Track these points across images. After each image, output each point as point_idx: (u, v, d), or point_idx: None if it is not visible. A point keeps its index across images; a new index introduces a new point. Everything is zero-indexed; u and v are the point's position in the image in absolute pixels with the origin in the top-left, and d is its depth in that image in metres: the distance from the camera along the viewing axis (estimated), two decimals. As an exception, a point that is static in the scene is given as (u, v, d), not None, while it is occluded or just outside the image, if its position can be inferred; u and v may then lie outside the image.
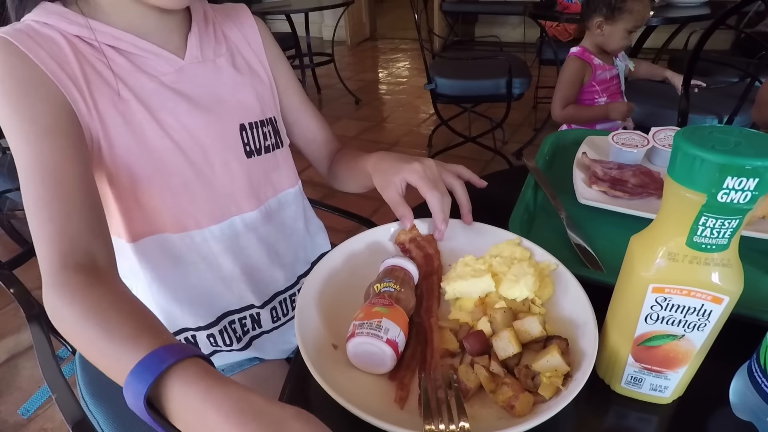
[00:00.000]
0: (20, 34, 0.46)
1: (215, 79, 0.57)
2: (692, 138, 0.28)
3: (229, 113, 0.57)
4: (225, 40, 0.60)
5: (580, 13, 1.50)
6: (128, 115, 0.50)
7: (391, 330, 0.38)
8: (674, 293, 0.31)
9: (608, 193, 0.60)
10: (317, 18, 5.12)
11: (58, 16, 0.48)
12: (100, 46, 0.49)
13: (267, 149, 0.61)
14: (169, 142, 0.52)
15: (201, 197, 0.55)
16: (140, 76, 0.51)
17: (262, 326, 0.65)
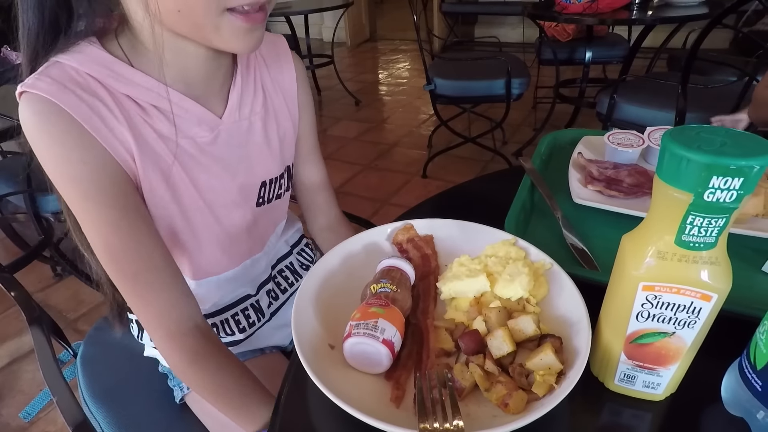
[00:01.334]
0: (62, 91, 0.42)
1: (247, 138, 0.57)
2: (679, 138, 0.28)
3: (254, 173, 0.59)
4: (263, 92, 0.58)
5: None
6: (167, 176, 0.50)
7: (387, 330, 0.39)
8: (664, 291, 0.32)
9: (604, 192, 0.60)
10: (317, 20, 5.13)
11: (105, 69, 0.45)
12: (146, 106, 0.47)
13: (277, 197, 0.64)
14: (200, 202, 0.54)
15: (221, 249, 0.59)
16: (180, 139, 0.50)
17: (265, 315, 0.68)
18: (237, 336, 0.66)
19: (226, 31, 0.42)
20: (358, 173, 2.54)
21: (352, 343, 0.39)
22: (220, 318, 0.65)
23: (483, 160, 2.50)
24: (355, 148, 2.86)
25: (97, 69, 0.44)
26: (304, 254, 0.78)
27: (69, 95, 0.42)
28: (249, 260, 0.64)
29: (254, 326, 0.68)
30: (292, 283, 0.74)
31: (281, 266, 0.73)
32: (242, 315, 0.66)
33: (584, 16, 1.89)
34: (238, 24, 0.42)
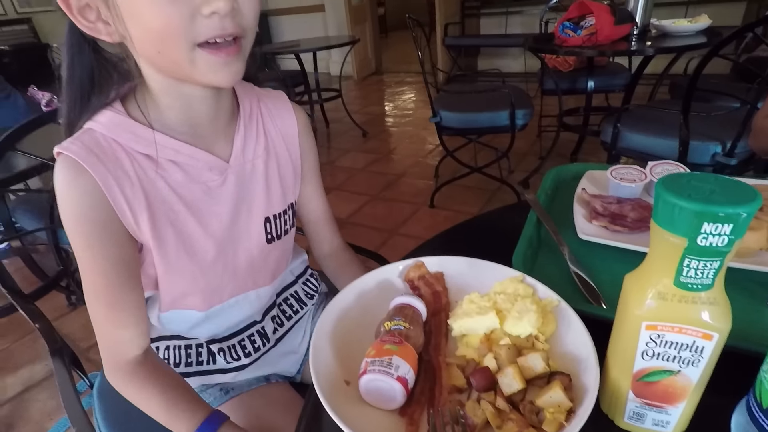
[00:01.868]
0: (89, 155, 0.49)
1: (251, 178, 0.62)
2: (671, 186, 0.30)
3: (258, 210, 0.63)
4: (264, 136, 0.63)
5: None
6: (179, 225, 0.56)
7: (401, 367, 0.40)
8: (666, 330, 0.33)
9: (608, 227, 0.62)
10: (325, 55, 5.31)
11: (127, 133, 0.52)
12: (162, 162, 0.53)
13: (285, 232, 0.68)
14: (210, 244, 0.59)
15: (225, 280, 0.63)
16: (192, 187, 0.56)
17: (270, 340, 0.71)
18: (243, 361, 0.69)
19: (201, 65, 0.47)
20: (366, 204, 2.57)
21: (368, 379, 0.40)
22: (227, 343, 0.68)
23: (490, 190, 2.53)
24: (362, 179, 2.91)
25: (120, 134, 0.52)
26: (309, 284, 0.81)
27: (93, 159, 0.49)
28: (254, 292, 0.67)
29: (259, 351, 0.70)
30: (297, 310, 0.77)
31: (286, 294, 0.76)
32: (248, 340, 0.69)
33: (584, 48, 1.94)
34: (212, 58, 0.46)
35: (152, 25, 0.44)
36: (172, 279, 0.59)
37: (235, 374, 0.69)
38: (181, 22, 0.43)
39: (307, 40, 3.88)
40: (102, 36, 0.48)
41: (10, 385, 1.55)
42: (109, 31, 0.47)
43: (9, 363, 1.64)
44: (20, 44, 5.98)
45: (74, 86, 0.52)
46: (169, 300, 0.61)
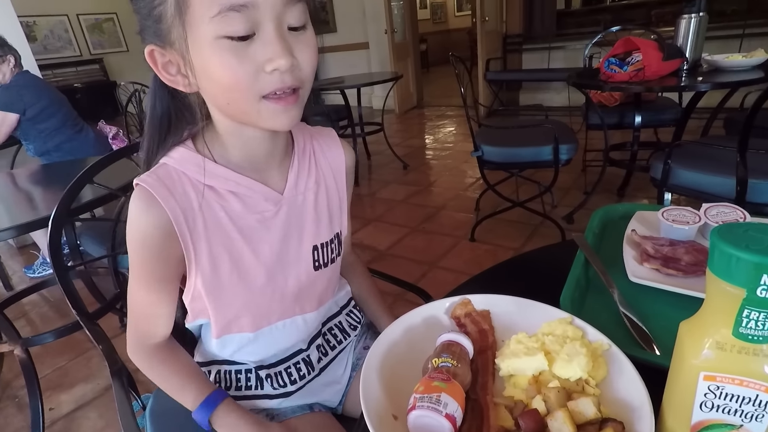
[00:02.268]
0: (160, 186, 0.56)
1: (302, 209, 0.67)
2: (727, 236, 0.30)
3: (307, 238, 0.67)
4: (316, 170, 0.69)
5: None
6: (234, 253, 0.61)
7: (450, 405, 0.41)
8: (726, 382, 0.33)
9: (661, 270, 0.61)
10: (368, 90, 5.50)
11: (194, 166, 0.58)
12: (223, 192, 0.59)
13: (332, 261, 0.71)
14: (262, 270, 0.64)
15: (274, 304, 0.67)
16: (249, 217, 0.62)
17: (315, 369, 0.74)
18: (289, 387, 0.71)
19: (265, 113, 0.52)
20: (405, 236, 2.59)
21: (416, 415, 0.41)
22: (274, 370, 0.71)
23: (532, 224, 2.49)
24: (402, 211, 2.94)
25: (188, 167, 0.58)
26: (353, 315, 0.83)
27: (165, 192, 0.56)
28: (301, 317, 0.70)
29: (305, 379, 0.73)
30: (341, 340, 0.79)
31: (331, 324, 0.79)
32: (294, 368, 0.72)
33: (630, 84, 1.92)
34: (274, 106, 0.52)
35: (222, 81, 0.50)
36: (224, 303, 0.63)
37: (281, 400, 0.71)
38: (247, 78, 0.49)
39: (351, 77, 4.05)
40: (180, 87, 0.55)
41: (64, 402, 1.63)
42: (186, 83, 0.54)
43: (65, 380, 1.73)
44: (91, 82, 6.57)
45: (154, 126, 0.60)
46: (222, 324, 0.65)
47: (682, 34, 1.99)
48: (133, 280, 0.61)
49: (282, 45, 0.49)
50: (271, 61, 0.49)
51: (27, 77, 2.27)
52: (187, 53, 0.50)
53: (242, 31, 0.47)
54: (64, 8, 6.45)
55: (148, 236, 0.57)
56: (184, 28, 0.48)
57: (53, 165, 2.11)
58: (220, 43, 0.48)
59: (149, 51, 0.52)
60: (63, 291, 0.87)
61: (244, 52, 0.48)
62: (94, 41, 6.80)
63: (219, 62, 0.48)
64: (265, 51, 0.48)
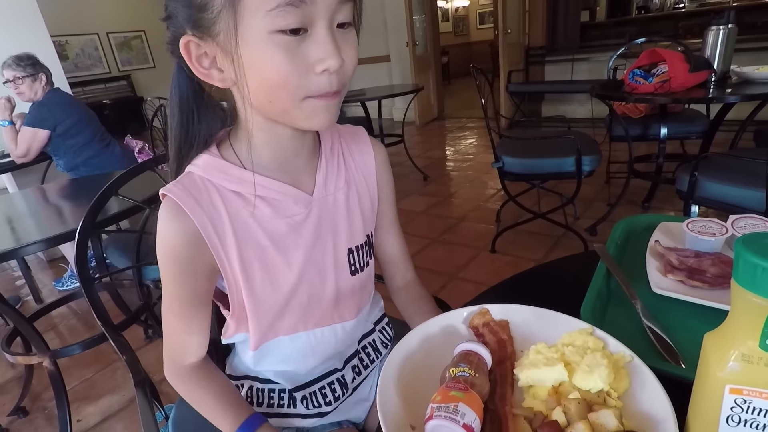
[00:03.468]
0: (186, 196, 0.55)
1: (333, 211, 0.65)
2: (752, 246, 0.30)
3: (342, 241, 0.66)
4: (345, 169, 0.67)
5: None
6: (265, 260, 0.60)
7: (467, 415, 0.41)
8: (754, 396, 0.32)
9: (686, 282, 0.59)
10: (389, 102, 5.54)
11: (220, 173, 0.57)
12: (250, 197, 0.58)
13: (366, 264, 0.70)
14: (293, 275, 0.62)
15: (312, 309, 0.65)
16: (278, 222, 0.60)
17: (349, 389, 0.72)
18: (323, 408, 0.70)
19: (307, 111, 0.51)
20: (426, 247, 2.58)
21: (434, 425, 0.41)
22: (310, 390, 0.69)
23: (554, 236, 2.45)
24: (423, 222, 2.94)
25: (214, 174, 0.57)
26: (385, 332, 0.81)
27: (192, 202, 0.55)
28: (339, 325, 0.68)
29: (339, 400, 0.71)
30: (374, 359, 0.77)
31: (365, 342, 0.77)
32: (329, 389, 0.70)
33: (655, 96, 1.89)
34: (317, 104, 0.51)
35: (270, 78, 0.48)
36: (259, 312, 0.61)
37: (315, 420, 0.70)
38: (297, 77, 0.48)
39: (372, 89, 4.10)
40: (214, 81, 0.53)
41: (91, 414, 1.65)
42: (222, 78, 0.52)
43: (92, 392, 1.76)
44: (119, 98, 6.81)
45: (179, 133, 0.58)
46: (259, 335, 0.63)
47: (710, 46, 1.95)
48: (166, 304, 0.60)
49: (333, 45, 0.48)
50: (323, 61, 0.48)
51: (58, 94, 2.37)
52: (235, 47, 0.48)
53: (296, 24, 0.46)
54: (94, 27, 6.74)
55: (177, 246, 0.56)
56: (236, 18, 0.46)
57: (81, 179, 2.18)
58: (274, 39, 0.46)
59: (185, 42, 0.50)
60: (89, 302, 0.89)
61: (296, 49, 0.47)
62: (122, 58, 7.07)
63: (270, 59, 0.47)
64: (317, 50, 0.48)
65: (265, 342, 0.65)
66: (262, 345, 0.65)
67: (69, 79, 3.10)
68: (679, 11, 5.39)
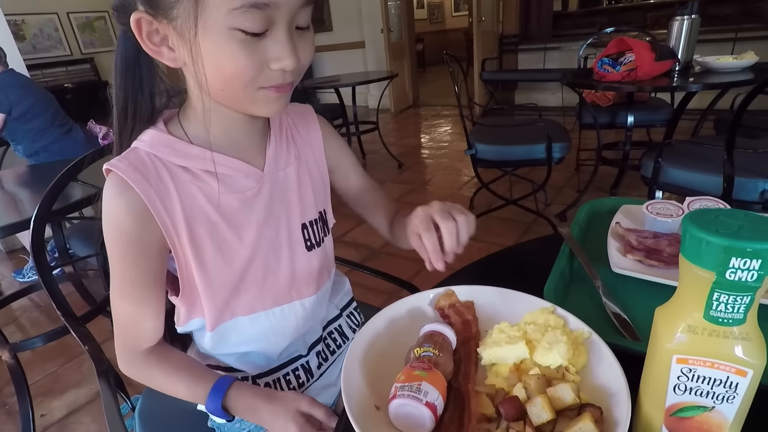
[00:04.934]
0: (133, 171, 0.54)
1: (285, 186, 0.65)
2: (698, 221, 0.31)
3: (295, 216, 0.66)
4: (294, 146, 0.67)
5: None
6: (216, 236, 0.59)
7: (430, 393, 0.41)
8: (698, 365, 0.33)
9: (643, 262, 0.61)
10: (363, 89, 5.49)
11: (167, 148, 0.56)
12: (199, 173, 0.57)
13: (322, 240, 0.70)
14: (247, 250, 0.61)
15: (268, 288, 0.65)
16: (229, 197, 0.59)
17: (314, 375, 0.72)
18: None
19: (260, 101, 0.53)
20: (400, 234, 2.59)
21: (397, 404, 0.41)
22: (273, 377, 0.69)
23: (525, 222, 2.50)
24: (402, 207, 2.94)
25: (161, 149, 0.56)
26: (353, 317, 0.81)
27: (138, 176, 0.54)
28: (299, 302, 0.68)
29: (303, 386, 0.71)
30: (340, 344, 0.78)
31: (331, 328, 0.77)
32: (293, 375, 0.70)
33: (623, 84, 1.93)
34: (269, 95, 0.53)
35: (226, 71, 0.49)
36: (212, 289, 0.60)
37: None
38: (252, 72, 0.49)
39: (347, 75, 4.05)
40: (164, 59, 0.52)
41: (56, 408, 1.60)
42: (172, 57, 0.52)
43: (56, 386, 1.71)
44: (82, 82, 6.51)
45: (124, 106, 0.57)
46: (215, 314, 0.62)
47: (675, 36, 2.00)
48: (116, 288, 0.58)
49: (291, 46, 0.50)
50: (279, 60, 0.50)
51: (12, 76, 2.26)
52: (194, 36, 0.48)
53: (258, 28, 0.47)
54: (53, 6, 6.38)
55: (125, 222, 0.54)
56: (197, 9, 0.46)
57: (41, 166, 2.10)
58: (234, 35, 0.47)
59: (136, 19, 0.49)
60: (47, 293, 0.86)
61: (254, 46, 0.48)
62: (85, 40, 6.74)
63: (227, 52, 0.48)
64: (275, 49, 0.49)
65: (222, 323, 0.63)
66: (219, 326, 0.64)
67: (26, 62, 2.94)
68: (648, 2, 5.50)
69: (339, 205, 0.78)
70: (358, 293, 0.87)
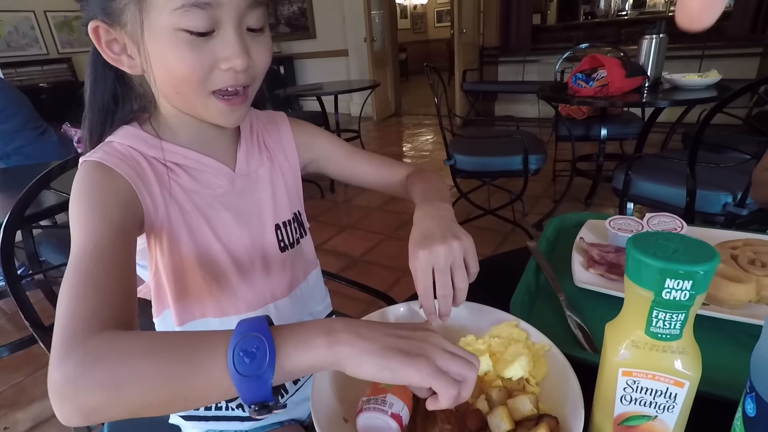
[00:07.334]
0: (108, 156, 0.53)
1: (257, 187, 0.66)
2: (639, 244, 0.34)
3: (268, 217, 0.67)
4: (266, 149, 0.69)
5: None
6: (192, 225, 0.59)
7: (395, 405, 0.43)
8: (641, 377, 0.36)
9: (605, 276, 0.64)
10: (346, 97, 5.51)
11: (138, 140, 0.57)
12: (171, 166, 0.58)
13: (297, 241, 0.71)
14: (220, 247, 0.62)
15: (241, 288, 0.64)
16: (202, 191, 0.60)
17: (288, 391, 0.72)
18: None
19: (212, 110, 0.54)
20: (380, 242, 2.61)
21: (364, 417, 0.43)
22: None
23: (503, 232, 2.55)
24: (378, 218, 2.97)
25: (135, 142, 0.57)
26: None
27: (114, 159, 0.54)
28: (272, 305, 0.67)
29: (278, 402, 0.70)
30: None
31: None
32: None
33: (595, 99, 2.00)
34: (221, 107, 0.54)
35: (175, 71, 0.50)
36: (182, 278, 0.59)
37: (252, 423, 0.70)
38: (201, 73, 0.50)
39: (329, 83, 4.07)
40: (124, 67, 0.53)
41: (20, 421, 1.55)
42: (131, 64, 0.53)
43: (21, 397, 1.66)
44: (58, 82, 6.35)
45: (96, 108, 0.57)
46: (184, 308, 0.60)
47: (644, 54, 2.09)
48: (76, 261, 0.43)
49: (240, 45, 0.50)
50: (228, 60, 0.50)
51: None
52: (141, 39, 0.49)
53: (203, 27, 0.48)
54: (29, 4, 6.23)
55: (100, 180, 0.51)
56: (141, 13, 0.47)
57: (12, 169, 2.04)
58: (180, 35, 0.48)
59: (93, 27, 0.50)
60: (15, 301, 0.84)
61: (202, 46, 0.49)
62: (62, 39, 6.59)
63: (175, 53, 0.48)
64: (223, 49, 0.50)
65: (192, 320, 0.62)
66: (188, 323, 0.62)
67: (0, 59, 2.86)
68: (622, 18, 5.70)
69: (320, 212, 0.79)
70: (336, 302, 0.88)
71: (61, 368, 0.35)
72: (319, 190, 3.41)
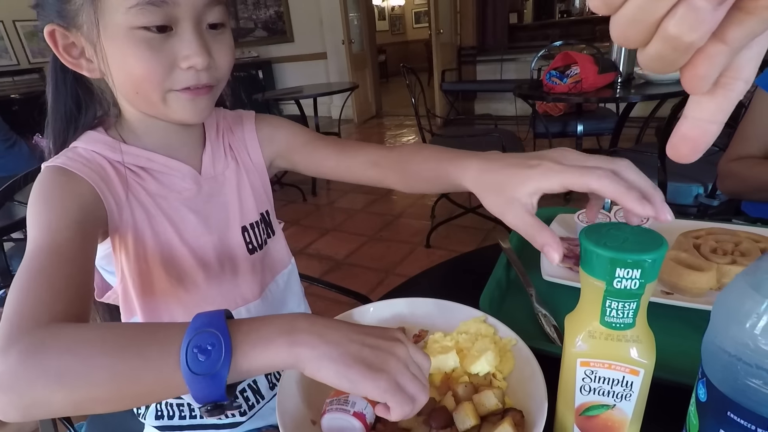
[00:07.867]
0: (71, 161, 0.53)
1: (223, 189, 0.65)
2: (591, 235, 0.34)
3: (234, 220, 0.66)
4: (231, 150, 0.68)
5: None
6: (157, 228, 0.59)
7: (357, 403, 0.42)
8: (598, 366, 0.36)
9: (573, 269, 0.65)
10: (326, 99, 5.50)
11: (102, 144, 0.56)
12: (136, 170, 0.57)
13: (264, 242, 0.70)
14: (186, 250, 0.61)
15: (210, 292, 0.63)
16: (168, 195, 0.60)
17: (264, 397, 0.71)
18: (238, 419, 0.69)
19: (174, 105, 0.53)
20: (363, 244, 2.61)
21: (328, 419, 0.42)
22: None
23: (484, 229, 2.56)
24: (361, 220, 2.96)
25: (99, 147, 0.56)
26: None
27: (77, 163, 0.53)
28: (244, 308, 0.66)
29: (254, 408, 0.70)
30: None
31: None
32: (241, 397, 0.69)
33: (569, 95, 2.03)
34: (181, 97, 0.52)
35: (134, 72, 0.49)
36: (149, 288, 0.58)
37: (229, 431, 0.69)
38: (161, 72, 0.49)
39: (309, 86, 4.05)
40: (83, 71, 0.53)
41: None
42: (90, 68, 0.52)
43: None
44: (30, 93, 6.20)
45: (59, 116, 0.57)
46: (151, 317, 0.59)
47: (616, 50, 2.13)
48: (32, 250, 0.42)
49: (199, 43, 0.49)
50: (188, 59, 0.49)
51: None
52: (98, 40, 0.48)
53: (159, 21, 0.47)
54: (-3, 14, 6.09)
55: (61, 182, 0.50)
56: (96, 14, 0.47)
57: (-18, 181, 1.98)
58: (137, 34, 0.47)
59: (50, 31, 0.49)
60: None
61: (160, 45, 0.48)
62: (33, 49, 6.43)
63: (132, 53, 0.48)
64: (182, 47, 0.49)
65: None
66: None
67: (-33, 72, 2.78)
68: (596, 16, 5.78)
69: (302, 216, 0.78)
70: (318, 306, 0.87)
71: (2, 359, 0.33)
72: (300, 194, 3.39)
